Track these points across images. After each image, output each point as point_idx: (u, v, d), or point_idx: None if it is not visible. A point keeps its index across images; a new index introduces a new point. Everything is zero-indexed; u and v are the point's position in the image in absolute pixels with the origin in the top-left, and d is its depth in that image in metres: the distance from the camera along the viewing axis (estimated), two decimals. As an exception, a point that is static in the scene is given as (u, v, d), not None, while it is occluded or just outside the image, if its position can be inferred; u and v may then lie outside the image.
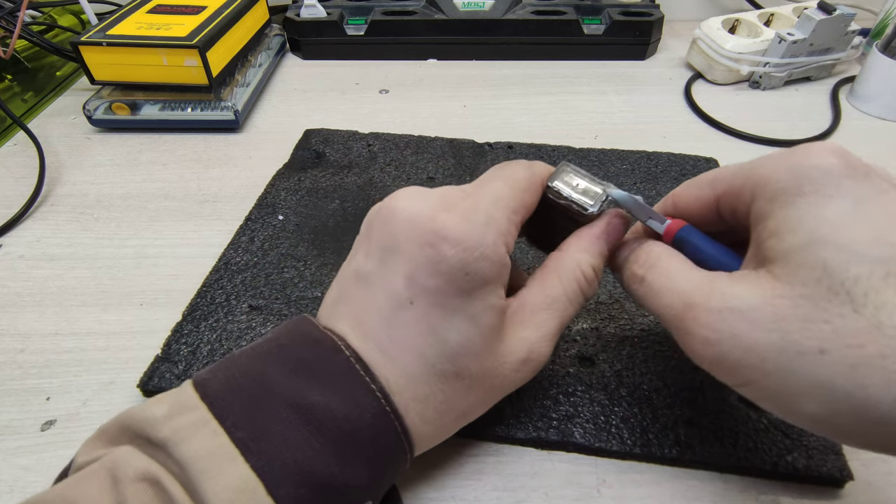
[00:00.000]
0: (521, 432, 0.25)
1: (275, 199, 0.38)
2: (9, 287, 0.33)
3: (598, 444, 0.24)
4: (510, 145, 0.43)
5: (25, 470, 0.24)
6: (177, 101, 0.46)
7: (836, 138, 0.46)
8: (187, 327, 0.29)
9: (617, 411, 0.25)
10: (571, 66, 0.57)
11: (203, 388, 0.19)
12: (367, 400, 0.19)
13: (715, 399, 0.26)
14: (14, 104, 0.49)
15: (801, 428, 0.21)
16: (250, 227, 0.36)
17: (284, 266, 0.33)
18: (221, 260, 0.33)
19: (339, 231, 0.36)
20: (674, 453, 0.24)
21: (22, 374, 0.28)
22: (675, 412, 0.25)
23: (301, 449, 0.17)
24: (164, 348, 0.28)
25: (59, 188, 0.41)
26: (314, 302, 0.31)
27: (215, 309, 0.30)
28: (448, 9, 0.57)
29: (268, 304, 0.31)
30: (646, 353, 0.28)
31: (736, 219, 0.21)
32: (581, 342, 0.28)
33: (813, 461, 0.23)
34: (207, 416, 0.18)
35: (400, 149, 0.43)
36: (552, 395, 0.26)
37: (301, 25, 0.57)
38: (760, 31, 0.53)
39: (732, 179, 0.20)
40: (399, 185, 0.39)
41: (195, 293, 0.31)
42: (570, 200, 0.22)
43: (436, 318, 0.20)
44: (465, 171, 0.41)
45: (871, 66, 0.49)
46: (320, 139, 0.44)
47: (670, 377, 0.27)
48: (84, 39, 0.43)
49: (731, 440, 0.24)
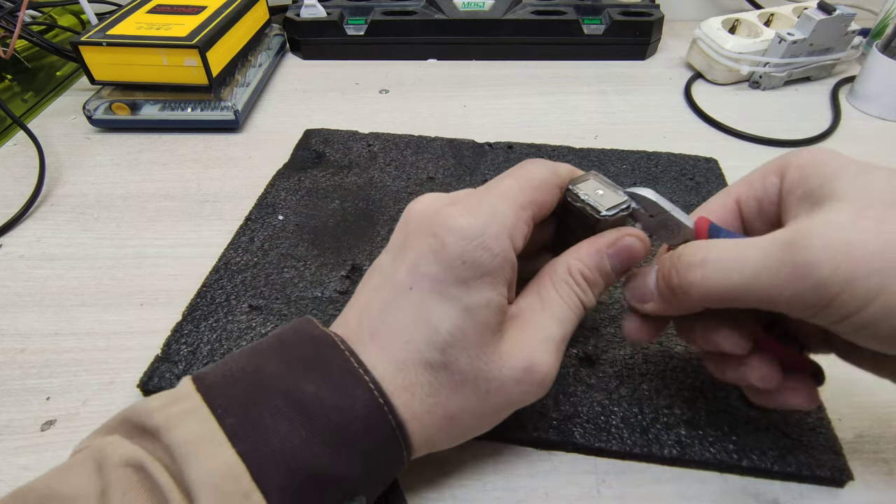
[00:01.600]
0: (520, 432, 0.24)
1: (275, 199, 0.38)
2: (9, 287, 0.33)
3: (598, 444, 0.24)
4: (510, 145, 0.43)
5: (25, 470, 0.24)
6: (177, 101, 0.46)
7: (836, 138, 0.46)
8: (187, 327, 0.29)
9: (617, 411, 0.25)
10: (571, 66, 0.57)
11: (200, 380, 0.19)
12: (358, 391, 0.19)
13: (715, 399, 0.26)
14: (14, 104, 0.49)
15: (801, 426, 0.21)
16: (250, 227, 0.36)
17: (284, 266, 0.33)
18: (221, 260, 0.33)
19: (339, 231, 0.36)
20: (674, 453, 0.24)
21: (22, 374, 0.28)
22: (675, 412, 0.25)
23: (289, 438, 0.17)
24: (164, 348, 0.28)
25: (59, 188, 0.41)
26: (314, 302, 0.31)
27: (215, 309, 0.30)
28: (448, 9, 0.57)
29: (268, 304, 0.30)
30: (646, 354, 0.28)
31: (759, 209, 0.22)
32: (581, 342, 0.28)
33: (813, 461, 0.23)
34: (200, 404, 0.18)
35: (400, 149, 0.43)
36: (552, 395, 0.26)
37: (301, 25, 0.57)
38: (760, 31, 0.53)
39: (750, 176, 0.22)
40: (399, 185, 0.39)
41: (195, 293, 0.31)
42: (585, 203, 0.22)
43: (431, 304, 0.20)
44: (465, 171, 0.41)
45: (871, 66, 0.49)
46: (320, 139, 0.44)
47: (670, 377, 0.27)
48: (84, 39, 0.43)
49: (731, 440, 0.24)
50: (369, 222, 0.36)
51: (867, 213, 0.17)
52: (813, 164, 0.20)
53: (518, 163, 0.23)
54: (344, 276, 0.32)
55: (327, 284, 0.32)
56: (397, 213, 0.36)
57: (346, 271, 0.33)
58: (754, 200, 0.22)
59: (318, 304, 0.31)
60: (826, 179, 0.19)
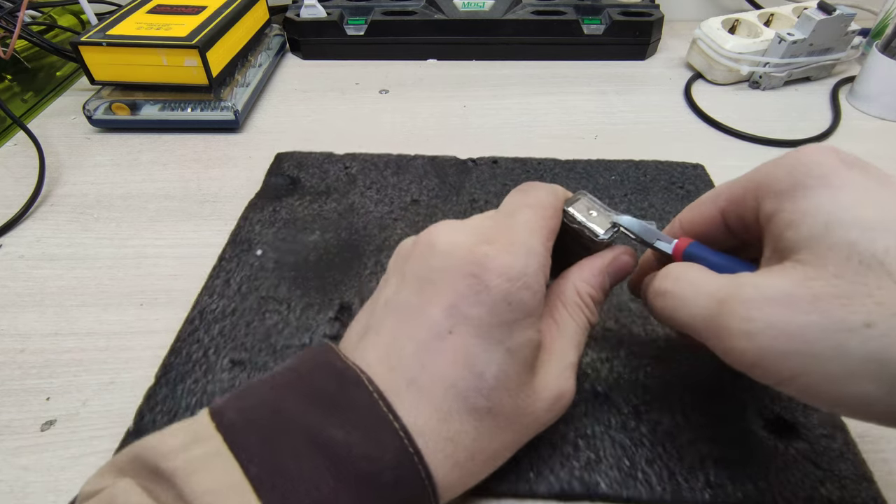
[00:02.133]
0: (543, 486, 0.23)
1: (249, 234, 0.35)
2: (9, 287, 0.33)
3: (627, 494, 0.23)
4: (495, 160, 0.41)
5: (25, 470, 0.24)
6: (177, 101, 0.46)
7: (836, 138, 0.46)
8: (162, 392, 0.26)
9: (640, 453, 0.24)
10: (571, 66, 0.57)
11: (219, 416, 0.18)
12: (388, 438, 0.18)
13: (739, 430, 0.25)
14: (14, 104, 0.49)
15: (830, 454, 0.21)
16: (224, 267, 0.33)
17: (266, 310, 0.30)
18: (195, 308, 0.30)
19: (321, 266, 0.33)
20: (706, 496, 0.22)
21: (22, 374, 0.28)
22: (699, 448, 0.24)
23: (318, 487, 0.17)
24: (137, 419, 0.25)
25: (59, 188, 0.41)
26: (302, 350, 0.28)
27: (192, 368, 0.27)
28: (448, 9, 0.57)
29: (251, 358, 0.28)
30: (661, 383, 0.26)
31: (744, 227, 0.21)
32: (592, 375, 0.27)
33: (847, 492, 0.22)
34: (222, 447, 0.17)
35: (380, 170, 0.41)
36: (571, 440, 0.24)
37: (301, 25, 0.57)
38: (760, 31, 0.53)
39: (731, 190, 0.21)
40: (382, 210, 0.37)
41: (168, 349, 0.28)
42: (582, 226, 0.23)
43: (475, 348, 0.19)
44: (450, 191, 0.39)
45: (871, 66, 0.49)
46: (293, 163, 0.41)
47: (689, 409, 0.25)
48: (84, 39, 0.43)
49: (762, 475, 0.23)
50: (354, 254, 0.34)
51: (810, 282, 0.16)
52: (790, 198, 0.18)
53: (505, 178, 0.24)
54: (332, 317, 0.30)
55: (315, 329, 0.29)
56: (384, 242, 0.35)
57: (335, 312, 0.30)
58: (736, 217, 0.21)
59: None
60: (794, 224, 0.18)
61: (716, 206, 0.22)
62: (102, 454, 0.24)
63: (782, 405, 0.26)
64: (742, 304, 0.17)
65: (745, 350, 0.17)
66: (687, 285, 0.20)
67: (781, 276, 0.17)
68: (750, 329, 0.17)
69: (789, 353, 0.16)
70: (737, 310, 0.17)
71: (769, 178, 0.19)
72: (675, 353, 0.28)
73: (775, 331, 0.16)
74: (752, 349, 0.17)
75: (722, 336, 0.18)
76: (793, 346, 0.16)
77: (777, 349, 0.16)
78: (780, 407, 0.25)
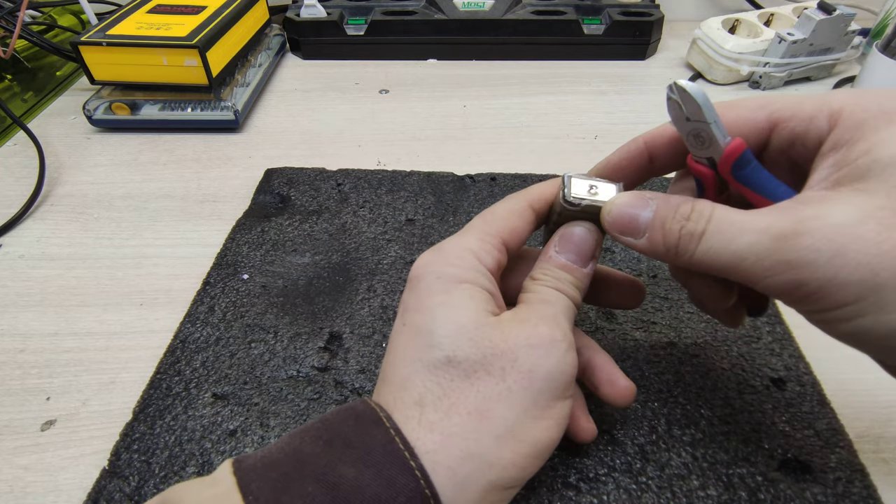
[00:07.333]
0: None
1: (236, 257, 0.33)
2: (9, 287, 0.33)
3: None
4: (493, 177, 0.40)
5: (25, 470, 0.24)
6: (177, 101, 0.46)
7: (836, 138, 0.46)
8: (139, 429, 0.25)
9: (647, 498, 0.22)
10: (571, 66, 0.57)
11: (240, 462, 0.18)
12: (403, 479, 0.17)
13: (751, 474, 0.23)
14: (14, 104, 0.49)
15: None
16: (209, 292, 0.31)
17: (252, 340, 0.29)
18: (177, 337, 0.29)
19: (311, 291, 0.31)
20: None
21: (22, 374, 0.28)
22: (710, 494, 0.23)
23: None
24: (112, 459, 0.24)
25: (59, 188, 0.41)
26: (289, 383, 0.27)
27: (172, 402, 0.26)
28: (448, 9, 0.57)
29: (235, 392, 0.26)
30: (669, 419, 0.25)
31: (792, 145, 0.20)
32: (596, 411, 0.25)
33: None
34: (233, 490, 0.17)
35: (373, 187, 0.39)
36: (572, 484, 0.23)
37: (301, 25, 0.57)
38: (760, 31, 0.53)
39: (800, 107, 0.20)
40: (376, 231, 0.35)
41: (147, 383, 0.27)
42: (591, 203, 0.22)
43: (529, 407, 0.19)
44: (447, 210, 0.37)
45: (871, 66, 0.49)
46: (283, 180, 0.39)
47: (700, 447, 0.24)
48: (84, 39, 0.43)
49: None
50: (346, 278, 0.32)
51: (879, 211, 0.16)
52: (873, 128, 0.18)
53: (503, 196, 0.24)
54: (321, 347, 0.28)
55: (303, 360, 0.28)
56: (376, 266, 0.33)
57: (324, 342, 0.29)
58: (789, 133, 0.20)
59: (293, 387, 0.27)
60: (870, 152, 0.17)
61: (767, 117, 0.20)
62: (102, 454, 0.24)
63: (797, 445, 0.24)
64: (806, 235, 0.17)
65: (806, 282, 0.17)
66: (727, 225, 0.19)
67: (847, 205, 0.17)
68: (816, 259, 0.16)
69: (852, 283, 0.16)
70: (801, 242, 0.17)
71: (854, 104, 0.18)
72: (681, 389, 0.27)
73: (843, 260, 0.16)
74: (814, 280, 0.17)
75: (778, 270, 0.17)
76: (858, 275, 0.16)
77: (840, 279, 0.16)
78: (795, 448, 0.24)
